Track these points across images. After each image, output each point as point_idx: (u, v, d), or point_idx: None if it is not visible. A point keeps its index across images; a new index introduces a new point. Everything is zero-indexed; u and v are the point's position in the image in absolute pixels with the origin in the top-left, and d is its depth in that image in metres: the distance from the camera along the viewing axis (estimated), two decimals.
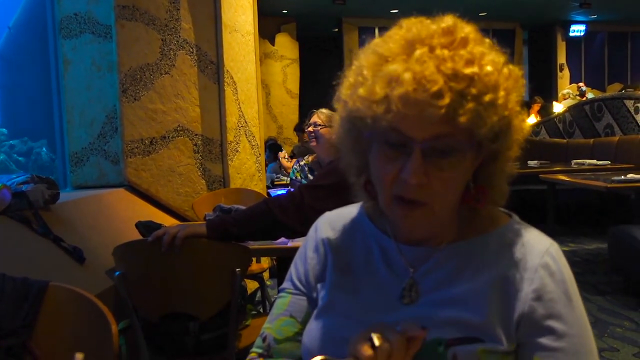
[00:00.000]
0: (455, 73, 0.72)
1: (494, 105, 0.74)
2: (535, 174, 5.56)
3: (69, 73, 3.32)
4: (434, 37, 0.76)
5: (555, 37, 12.88)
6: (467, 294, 0.81)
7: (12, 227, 2.13)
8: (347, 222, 0.98)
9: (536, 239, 0.85)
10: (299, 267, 0.98)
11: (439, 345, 0.77)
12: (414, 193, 0.77)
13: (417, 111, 0.72)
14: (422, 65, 0.73)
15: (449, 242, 0.86)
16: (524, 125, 0.83)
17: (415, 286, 0.85)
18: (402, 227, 0.85)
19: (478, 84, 0.73)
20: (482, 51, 0.76)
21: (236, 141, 3.63)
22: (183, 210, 3.37)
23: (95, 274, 2.25)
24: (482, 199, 0.84)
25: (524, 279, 0.80)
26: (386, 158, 0.78)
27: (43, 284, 1.27)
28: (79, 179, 3.36)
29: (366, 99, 0.76)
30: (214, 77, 3.47)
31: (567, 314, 0.79)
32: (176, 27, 3.33)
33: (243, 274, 1.95)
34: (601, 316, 3.48)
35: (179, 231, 1.84)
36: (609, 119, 6.97)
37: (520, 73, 0.80)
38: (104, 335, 1.14)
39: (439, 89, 0.71)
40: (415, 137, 0.75)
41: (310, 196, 1.89)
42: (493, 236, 0.86)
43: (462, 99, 0.72)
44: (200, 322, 1.96)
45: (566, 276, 0.81)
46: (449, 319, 0.80)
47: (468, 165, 0.79)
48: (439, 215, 0.80)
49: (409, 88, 0.72)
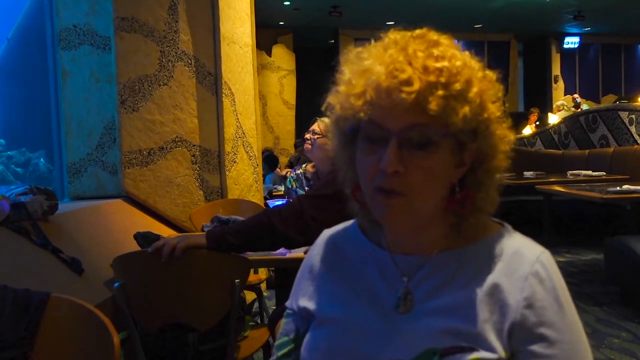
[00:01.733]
0: (425, 66, 0.77)
1: (464, 96, 0.77)
2: (531, 184, 5.59)
3: (67, 84, 3.33)
4: (408, 41, 0.81)
5: (550, 48, 12.99)
6: (460, 302, 0.82)
7: (10, 238, 2.12)
8: (341, 237, 1.00)
9: (527, 247, 0.86)
10: (296, 286, 1.01)
11: (433, 355, 0.78)
12: (391, 182, 0.79)
13: (389, 100, 0.76)
14: (393, 59, 0.78)
15: (441, 251, 0.87)
16: (508, 133, 0.85)
17: (409, 295, 0.86)
18: (384, 221, 0.86)
19: (446, 73, 0.77)
20: (453, 52, 0.81)
21: (234, 152, 3.64)
22: (181, 221, 3.37)
23: (94, 285, 2.25)
24: (467, 204, 0.85)
25: (515, 288, 0.81)
26: (368, 152, 0.82)
27: (44, 295, 1.27)
28: (77, 189, 3.35)
29: (346, 94, 0.81)
30: (212, 89, 3.49)
31: (559, 321, 0.80)
32: (175, 38, 3.35)
33: (242, 284, 1.95)
34: (598, 327, 3.49)
35: (179, 242, 1.85)
36: (604, 130, 7.02)
37: (495, 77, 0.84)
38: (105, 346, 1.14)
39: (408, 76, 0.76)
40: (391, 128, 0.78)
41: (310, 206, 1.90)
42: (484, 244, 0.87)
43: (431, 87, 0.76)
44: (200, 333, 1.96)
45: (557, 284, 0.82)
46: (443, 328, 0.80)
47: (447, 160, 0.81)
48: (419, 209, 0.82)
49: (381, 78, 0.77)
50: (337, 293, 0.92)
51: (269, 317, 3.24)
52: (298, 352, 0.95)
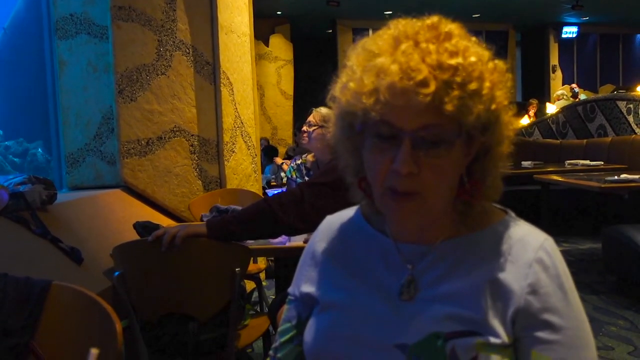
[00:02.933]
0: (439, 64, 0.75)
1: (479, 95, 0.76)
2: (529, 174, 5.59)
3: (64, 74, 3.31)
4: (419, 33, 0.79)
5: (548, 38, 12.97)
6: (464, 289, 0.82)
7: (9, 227, 2.12)
8: (344, 224, 1.00)
9: (531, 234, 0.86)
10: (298, 272, 1.01)
11: (437, 339, 0.79)
12: (405, 184, 0.78)
13: (404, 100, 0.74)
14: (408, 57, 0.75)
15: (445, 239, 0.87)
16: (513, 120, 0.85)
17: (413, 282, 0.86)
18: (395, 220, 0.86)
19: (462, 72, 0.75)
20: (466, 45, 0.79)
21: (232, 142, 3.63)
22: (179, 211, 3.36)
23: (93, 275, 2.25)
24: (477, 194, 0.85)
25: (519, 274, 0.81)
26: (378, 151, 0.80)
27: (46, 283, 1.27)
28: (75, 179, 3.35)
29: (356, 92, 0.78)
30: (210, 78, 3.47)
31: (563, 308, 0.81)
32: (172, 28, 3.33)
33: (243, 273, 1.95)
34: (596, 315, 3.51)
35: (179, 231, 1.85)
36: (602, 120, 7.02)
37: (505, 67, 0.83)
38: (108, 334, 1.14)
39: (424, 77, 0.74)
40: (404, 128, 0.77)
41: (311, 194, 1.90)
42: (488, 232, 0.87)
43: (447, 87, 0.74)
44: (200, 322, 1.96)
45: (560, 270, 0.83)
46: (447, 314, 0.81)
47: (458, 156, 0.81)
48: (432, 207, 0.81)
49: (396, 78, 0.74)
50: (340, 279, 0.92)
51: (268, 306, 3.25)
52: (300, 338, 0.96)
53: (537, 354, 0.79)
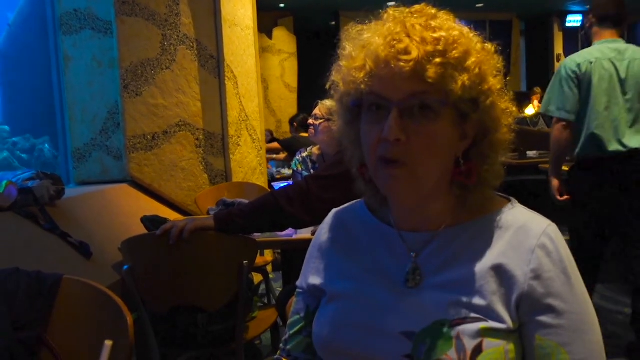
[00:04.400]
0: (423, 38, 0.79)
1: (462, 65, 0.79)
2: (534, 164, 5.58)
3: (69, 69, 3.32)
4: (407, 16, 0.84)
5: (552, 27, 12.87)
6: (468, 276, 0.83)
7: (19, 223, 2.14)
8: (349, 217, 1.02)
9: (534, 220, 0.87)
10: (305, 265, 1.03)
11: (443, 326, 0.80)
12: (394, 151, 0.80)
13: (387, 69, 0.79)
14: (392, 31, 0.81)
15: (448, 226, 0.88)
16: (510, 106, 0.87)
17: (418, 270, 0.87)
18: (389, 191, 0.86)
19: (444, 42, 0.79)
20: (451, 25, 0.83)
21: (237, 135, 3.64)
22: (186, 205, 3.38)
23: (102, 269, 2.27)
24: (472, 175, 0.86)
25: (522, 260, 0.82)
26: (370, 124, 0.84)
27: (57, 277, 1.28)
28: (82, 174, 3.36)
29: (348, 67, 0.84)
30: (215, 72, 3.48)
31: (566, 292, 0.81)
32: (176, 22, 3.33)
33: (250, 266, 1.97)
34: (602, 304, 3.51)
35: (187, 224, 1.86)
36: None
37: (494, 49, 0.86)
38: (119, 327, 1.15)
39: (405, 46, 0.78)
40: (391, 98, 0.80)
41: (317, 186, 1.90)
42: (491, 218, 0.88)
43: (429, 55, 0.78)
44: (209, 314, 1.98)
45: (564, 256, 0.83)
46: (451, 301, 0.82)
47: (448, 130, 0.82)
48: (422, 179, 0.83)
49: (379, 49, 0.80)
50: (346, 269, 0.94)
51: (276, 298, 3.27)
52: (309, 329, 0.98)
53: (541, 339, 0.80)
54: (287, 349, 1.01)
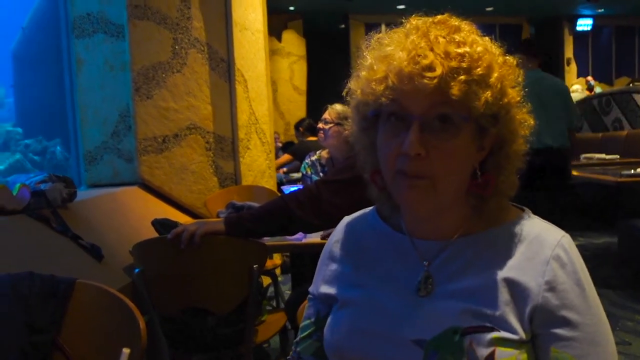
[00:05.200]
0: (447, 53, 0.78)
1: (486, 81, 0.79)
2: None
3: (82, 72, 3.35)
4: (430, 27, 0.82)
5: (562, 31, 12.81)
6: (481, 285, 0.83)
7: (31, 225, 2.16)
8: (361, 224, 1.02)
9: (548, 231, 0.86)
10: (317, 272, 1.04)
11: (455, 334, 0.80)
12: (414, 166, 0.80)
13: (411, 85, 0.78)
14: (415, 45, 0.79)
15: (462, 235, 0.88)
16: (527, 117, 0.87)
17: (430, 278, 0.87)
18: (406, 204, 0.87)
19: (468, 59, 0.78)
20: (475, 38, 0.83)
21: (247, 138, 3.66)
22: (196, 208, 3.40)
23: (114, 271, 2.28)
24: (489, 187, 0.86)
25: (537, 271, 0.82)
26: (389, 136, 0.83)
27: (70, 281, 1.30)
28: (93, 177, 3.39)
29: (368, 79, 0.83)
30: (225, 75, 3.50)
31: (581, 304, 0.81)
32: (187, 25, 3.36)
33: (260, 269, 1.98)
34: (612, 310, 3.49)
35: (198, 228, 1.87)
36: (618, 113, 6.95)
37: (515, 62, 0.85)
38: (131, 331, 1.17)
39: (430, 62, 0.77)
40: (413, 111, 0.80)
41: (327, 190, 1.91)
42: (505, 229, 0.87)
43: (453, 72, 0.77)
44: (218, 317, 1.99)
45: (578, 267, 0.83)
46: (464, 309, 0.82)
47: (468, 145, 0.82)
48: (441, 193, 0.82)
49: (403, 64, 0.78)
50: (358, 277, 0.94)
51: (285, 302, 3.28)
52: (319, 334, 0.99)
53: (556, 351, 0.80)
54: (297, 351, 1.03)
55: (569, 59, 12.84)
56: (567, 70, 12.80)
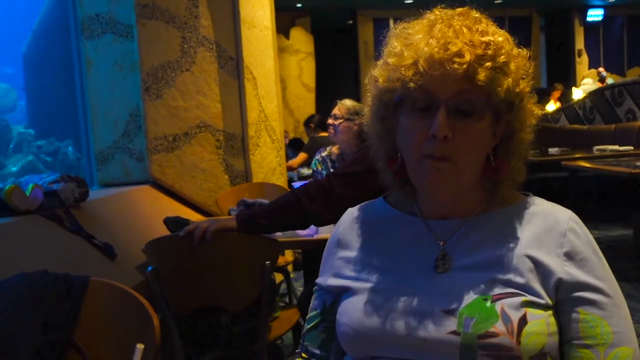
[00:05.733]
0: (472, 41, 0.83)
1: (507, 70, 0.84)
2: (556, 161, 5.51)
3: (91, 73, 3.37)
4: (453, 18, 0.87)
5: (573, 22, 12.69)
6: (502, 256, 0.86)
7: (45, 225, 2.18)
8: (369, 212, 1.03)
9: (557, 208, 0.93)
10: (323, 263, 1.04)
11: (485, 302, 0.82)
12: (441, 148, 0.84)
13: (441, 70, 0.82)
14: (443, 34, 0.84)
15: (475, 214, 0.92)
16: (535, 108, 0.92)
17: (447, 256, 0.90)
18: (428, 188, 0.89)
19: (492, 47, 0.84)
20: (494, 29, 0.88)
21: (257, 136, 3.66)
22: (207, 206, 3.41)
23: (127, 270, 2.30)
24: (502, 171, 0.90)
25: (555, 243, 0.86)
26: (414, 122, 0.87)
27: (84, 279, 1.30)
28: (105, 177, 3.41)
29: (397, 65, 0.86)
30: (234, 73, 3.50)
31: (600, 271, 0.86)
32: (195, 24, 3.36)
33: (273, 266, 1.98)
34: (629, 303, 3.44)
35: (210, 225, 1.87)
36: (630, 104, 6.88)
37: (527, 55, 0.90)
38: (146, 328, 1.17)
39: (459, 49, 0.82)
40: (440, 96, 0.84)
41: (339, 184, 1.90)
42: (516, 208, 0.93)
43: (480, 59, 0.82)
44: (232, 315, 2.00)
45: (591, 238, 0.89)
46: (489, 278, 0.85)
47: (487, 131, 0.87)
48: (462, 175, 0.86)
49: (434, 50, 0.82)
50: (372, 261, 0.95)
51: (297, 298, 3.27)
52: (325, 324, 1.00)
53: (585, 312, 0.84)
54: (305, 344, 1.03)
55: (580, 50, 12.72)
56: (579, 62, 12.69)
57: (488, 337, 0.80)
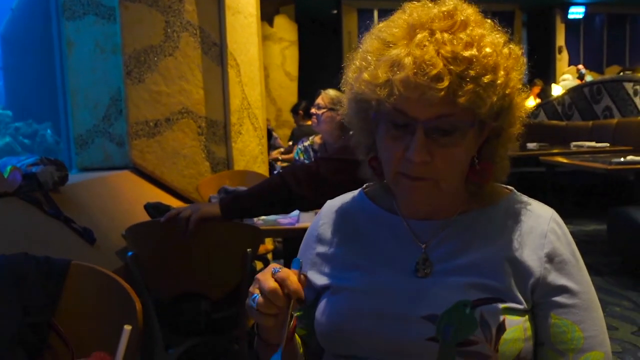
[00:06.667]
0: (454, 56, 0.76)
1: (493, 86, 0.78)
2: (534, 156, 5.60)
3: (72, 55, 3.31)
4: (435, 21, 0.80)
5: (555, 19, 12.82)
6: (482, 260, 0.85)
7: (23, 208, 2.15)
8: (348, 206, 1.01)
9: (539, 207, 0.91)
10: (301, 255, 1.01)
11: (465, 307, 0.81)
12: (418, 171, 0.80)
13: (418, 94, 0.76)
14: (423, 50, 0.76)
15: (456, 216, 0.90)
16: (525, 102, 0.88)
17: (428, 260, 0.88)
18: (408, 201, 0.88)
19: (477, 66, 0.76)
20: (482, 33, 0.80)
21: (239, 123, 3.64)
22: (188, 192, 3.38)
23: (106, 255, 2.28)
24: (487, 176, 0.88)
25: (535, 245, 0.85)
26: (392, 138, 0.82)
27: (66, 262, 1.29)
28: (84, 161, 3.37)
29: (370, 83, 0.79)
30: (218, 59, 3.47)
31: (577, 273, 0.86)
32: (179, 8, 3.32)
33: (254, 254, 1.98)
34: (600, 296, 3.49)
35: (192, 213, 1.85)
36: (608, 102, 6.99)
37: (520, 52, 0.85)
38: (128, 312, 1.16)
39: (438, 72, 0.74)
40: (418, 118, 0.78)
41: (327, 168, 1.88)
42: (498, 208, 0.90)
43: (461, 80, 0.75)
44: (213, 302, 2.00)
45: (570, 239, 0.89)
46: (469, 283, 0.83)
47: (471, 142, 0.83)
48: (444, 190, 0.84)
49: (410, 72, 0.75)
50: (353, 260, 0.93)
51: None
52: (304, 321, 0.98)
53: (556, 317, 0.84)
54: None
55: (561, 47, 12.87)
56: (559, 59, 12.84)
57: (467, 345, 0.80)
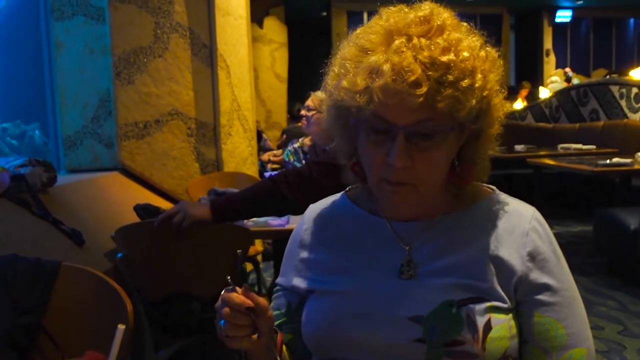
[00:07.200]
0: (432, 61, 0.77)
1: (471, 90, 0.79)
2: (521, 158, 5.65)
3: (61, 56, 3.29)
4: (411, 27, 0.80)
5: (542, 22, 12.94)
6: (466, 260, 0.86)
7: (11, 209, 2.14)
8: (331, 210, 1.02)
9: (520, 206, 0.93)
10: (286, 262, 1.02)
11: (450, 307, 0.82)
12: (399, 176, 0.81)
13: (397, 100, 0.77)
14: (400, 56, 0.77)
15: (439, 217, 0.91)
16: (503, 102, 0.88)
17: (412, 262, 0.89)
18: (389, 205, 0.89)
19: (455, 70, 0.77)
20: (459, 37, 0.81)
21: (229, 125, 3.64)
22: (177, 194, 3.38)
23: (95, 256, 2.27)
24: (468, 177, 0.89)
25: (517, 243, 0.87)
26: (372, 144, 0.83)
27: (56, 264, 1.29)
28: (72, 162, 3.35)
29: (349, 90, 0.80)
30: (207, 61, 3.47)
31: (558, 271, 0.88)
32: (169, 10, 3.32)
33: (244, 255, 1.98)
34: (586, 296, 3.58)
35: (184, 219, 1.84)
36: (595, 104, 7.06)
37: (496, 54, 0.86)
38: (118, 313, 1.17)
39: (416, 78, 0.75)
40: (398, 123, 0.79)
41: (319, 172, 1.88)
42: (479, 208, 0.92)
43: (439, 86, 0.76)
44: (202, 302, 2.00)
45: (551, 237, 0.90)
46: (454, 283, 0.84)
47: (451, 145, 0.84)
48: (425, 194, 0.85)
49: (389, 79, 0.76)
50: (337, 263, 0.93)
51: (266, 288, 3.29)
52: (291, 326, 0.98)
53: (540, 315, 0.85)
54: None
55: (548, 50, 12.98)
56: (546, 62, 12.95)
57: (454, 345, 0.80)
